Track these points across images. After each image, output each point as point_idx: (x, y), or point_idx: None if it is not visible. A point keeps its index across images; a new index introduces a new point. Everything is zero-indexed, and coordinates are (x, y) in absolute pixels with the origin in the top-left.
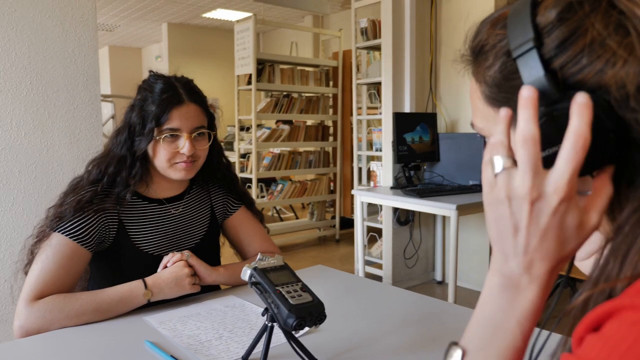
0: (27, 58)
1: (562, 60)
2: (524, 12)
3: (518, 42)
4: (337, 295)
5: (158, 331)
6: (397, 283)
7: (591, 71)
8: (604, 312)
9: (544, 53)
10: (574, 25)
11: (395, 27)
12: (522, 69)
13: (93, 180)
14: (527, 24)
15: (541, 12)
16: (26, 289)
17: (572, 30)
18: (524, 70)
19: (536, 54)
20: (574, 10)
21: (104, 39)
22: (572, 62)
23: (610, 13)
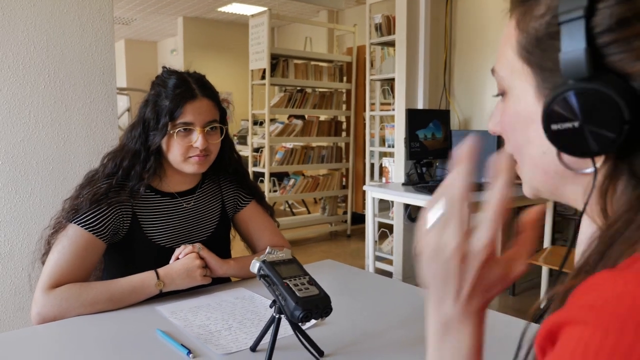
0: (45, 52)
1: (610, 39)
2: None
3: (568, 6)
4: (345, 290)
5: (169, 321)
6: (408, 279)
7: (634, 59)
8: (556, 324)
9: (594, 25)
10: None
11: (409, 23)
12: (565, 35)
13: (108, 173)
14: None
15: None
16: (43, 278)
17: (637, 10)
18: (565, 37)
19: (583, 25)
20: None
21: (120, 33)
22: (621, 43)
23: None
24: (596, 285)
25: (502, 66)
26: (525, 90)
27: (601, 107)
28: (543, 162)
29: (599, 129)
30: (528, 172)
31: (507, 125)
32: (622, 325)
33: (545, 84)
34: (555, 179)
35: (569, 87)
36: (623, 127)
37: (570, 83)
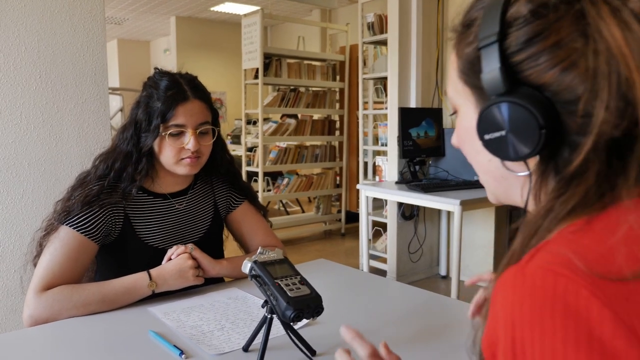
0: (37, 52)
1: (521, 57)
2: (497, 4)
3: (485, 33)
4: (338, 289)
5: (162, 321)
6: (402, 277)
7: (544, 71)
8: (488, 345)
9: (507, 47)
10: (543, 25)
11: (401, 22)
12: (484, 58)
13: (100, 175)
14: (496, 18)
15: (515, 4)
16: (35, 280)
17: (539, 30)
18: (485, 59)
19: (497, 48)
20: (546, 11)
21: (112, 32)
22: (531, 60)
23: (579, 22)
24: (501, 288)
25: (449, 88)
26: (468, 107)
27: (519, 116)
28: (490, 169)
29: (521, 135)
30: (484, 180)
31: (460, 139)
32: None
33: (481, 100)
34: (503, 183)
35: (492, 102)
36: (541, 132)
37: (493, 98)
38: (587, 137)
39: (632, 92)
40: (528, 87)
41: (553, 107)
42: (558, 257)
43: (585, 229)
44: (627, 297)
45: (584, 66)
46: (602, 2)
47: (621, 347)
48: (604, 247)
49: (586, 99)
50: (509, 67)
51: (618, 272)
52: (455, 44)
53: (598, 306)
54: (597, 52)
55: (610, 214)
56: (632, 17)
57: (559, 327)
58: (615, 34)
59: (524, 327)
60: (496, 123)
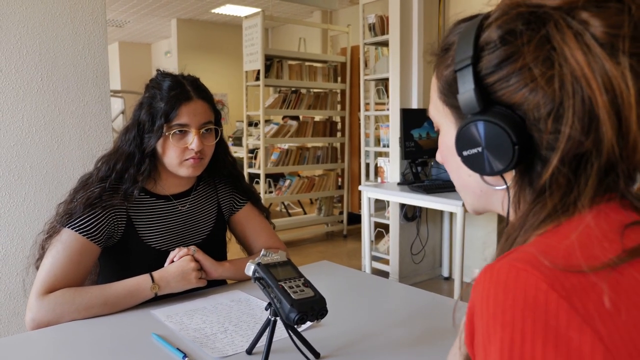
0: (38, 55)
1: (494, 78)
2: (471, 31)
3: (460, 57)
4: (341, 291)
5: (165, 324)
6: (404, 279)
7: (515, 92)
8: (469, 336)
9: (480, 69)
10: (512, 50)
11: (403, 23)
12: (460, 80)
13: (102, 177)
14: (470, 43)
15: (486, 30)
16: (37, 283)
17: (509, 54)
18: (460, 81)
19: (471, 70)
20: (514, 37)
21: (113, 35)
22: (502, 81)
23: (544, 46)
24: (474, 286)
25: (432, 107)
26: (448, 126)
27: (494, 133)
28: (471, 184)
29: (496, 152)
30: (464, 194)
31: (443, 156)
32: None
33: (459, 119)
34: (483, 197)
35: (468, 121)
36: (514, 148)
37: (469, 117)
38: (554, 152)
39: (596, 111)
40: (501, 106)
41: (524, 124)
42: (523, 255)
43: (554, 232)
44: (586, 288)
45: (550, 87)
46: (566, 27)
47: (574, 337)
48: (566, 245)
49: (553, 117)
50: (482, 88)
51: (577, 266)
52: (435, 66)
53: (556, 298)
54: (562, 75)
55: (577, 218)
56: (593, 41)
57: (518, 317)
58: (578, 57)
59: (489, 319)
60: (473, 140)
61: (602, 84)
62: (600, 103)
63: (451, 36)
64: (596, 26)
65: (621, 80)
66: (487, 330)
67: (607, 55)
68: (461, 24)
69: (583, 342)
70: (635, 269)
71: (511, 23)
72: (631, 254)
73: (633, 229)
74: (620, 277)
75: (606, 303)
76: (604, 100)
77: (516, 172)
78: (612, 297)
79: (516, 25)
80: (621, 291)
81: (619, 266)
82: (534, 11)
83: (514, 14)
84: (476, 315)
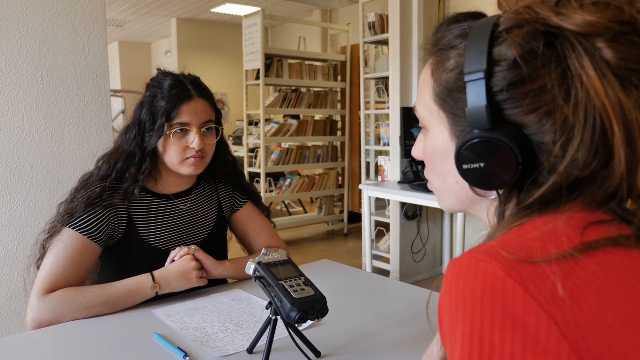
0: (38, 55)
1: (505, 97)
2: (482, 40)
3: (472, 68)
4: (342, 290)
5: (166, 324)
6: (405, 277)
7: (527, 113)
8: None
9: (492, 85)
10: (529, 72)
11: (403, 22)
12: (470, 93)
13: (103, 176)
14: (484, 54)
15: (501, 44)
16: (38, 283)
17: (526, 75)
18: (470, 94)
19: (484, 85)
20: (532, 57)
21: (113, 35)
22: (514, 101)
23: (562, 70)
24: (445, 276)
25: (421, 106)
26: (441, 130)
27: (500, 153)
28: (456, 190)
29: (499, 170)
30: (443, 196)
31: (427, 156)
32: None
33: (457, 127)
34: (466, 203)
35: (475, 136)
36: (518, 169)
37: (476, 133)
38: (552, 175)
39: (609, 138)
40: (510, 125)
41: (530, 145)
42: (484, 247)
43: (517, 228)
44: (542, 276)
45: (563, 114)
46: (584, 53)
47: (531, 321)
48: (524, 240)
49: (562, 142)
50: (493, 105)
51: (533, 257)
52: (432, 64)
53: (512, 285)
54: (578, 101)
55: (543, 218)
56: (609, 71)
57: (477, 304)
58: (595, 84)
59: (452, 307)
60: (477, 156)
61: (620, 113)
62: (617, 132)
63: (450, 37)
64: (612, 57)
65: (634, 111)
66: (451, 321)
67: (620, 86)
68: (459, 24)
69: (539, 326)
70: (593, 261)
71: (529, 42)
72: (586, 247)
73: (597, 227)
74: (576, 267)
75: (560, 290)
76: (620, 130)
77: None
78: (567, 285)
79: (534, 46)
80: (576, 280)
81: (575, 258)
82: (553, 32)
83: (531, 30)
84: (442, 309)
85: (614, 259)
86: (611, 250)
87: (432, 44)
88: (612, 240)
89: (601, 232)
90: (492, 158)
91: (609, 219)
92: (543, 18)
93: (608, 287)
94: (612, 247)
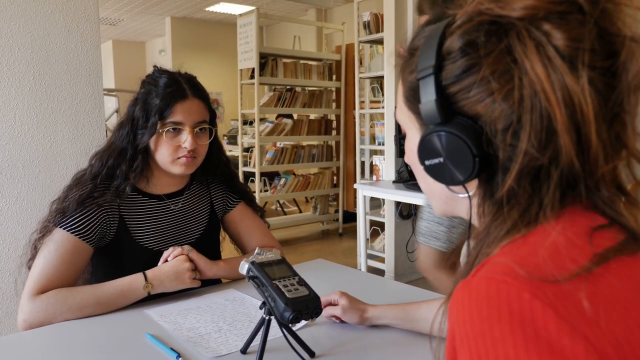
0: (30, 53)
1: (455, 89)
2: (434, 37)
3: (423, 65)
4: (337, 289)
5: (159, 324)
6: (400, 277)
7: (476, 103)
8: (451, 351)
9: (442, 79)
10: (472, 61)
11: (397, 21)
12: (422, 89)
13: (95, 173)
14: (433, 50)
15: (449, 38)
16: (29, 284)
17: (469, 65)
18: (422, 90)
19: (433, 80)
20: (475, 48)
21: (107, 33)
22: (463, 92)
23: (505, 59)
24: (453, 305)
25: (398, 111)
26: (413, 131)
27: (455, 145)
28: (436, 189)
29: (457, 163)
30: (431, 199)
31: (410, 159)
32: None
33: (422, 127)
34: (450, 203)
35: (430, 131)
36: (475, 160)
37: (431, 127)
38: (512, 165)
39: (554, 125)
40: (463, 117)
41: (486, 136)
42: (499, 267)
43: (522, 242)
44: (566, 295)
45: (509, 101)
46: (528, 39)
47: (567, 344)
48: (537, 257)
49: (513, 129)
50: (444, 98)
51: (551, 276)
52: (400, 70)
53: (541, 307)
54: (522, 88)
55: (542, 229)
56: (555, 53)
57: (507, 332)
58: (538, 70)
59: (477, 338)
60: (434, 150)
61: (562, 98)
62: (559, 118)
63: (417, 39)
64: (558, 38)
65: (581, 94)
66: (476, 351)
67: (567, 68)
68: (429, 26)
69: (576, 348)
70: (610, 274)
71: (473, 33)
72: (602, 258)
73: (598, 232)
74: (596, 282)
75: (586, 308)
76: (562, 115)
77: (479, 181)
78: (593, 302)
79: (477, 36)
80: (600, 296)
81: (593, 272)
82: (496, 21)
83: (476, 22)
84: (458, 338)
85: (626, 269)
86: (622, 259)
87: (403, 53)
88: (620, 248)
89: (606, 238)
90: (447, 151)
91: (607, 223)
92: (488, 9)
93: (629, 299)
94: (621, 255)
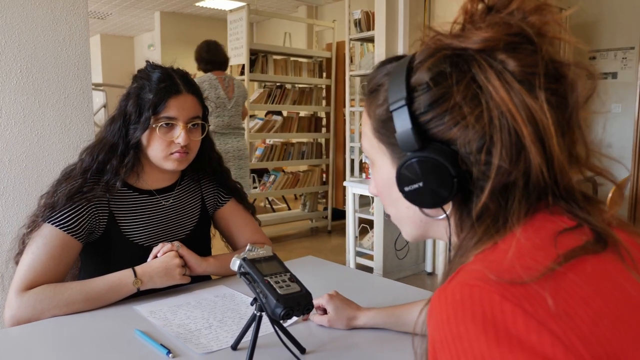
0: (17, 46)
1: (428, 117)
2: (401, 73)
3: (394, 98)
4: (326, 286)
5: (148, 320)
6: (388, 274)
7: (449, 129)
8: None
9: (415, 109)
10: (442, 91)
11: (388, 19)
12: (396, 120)
13: (85, 168)
14: (402, 84)
15: (416, 73)
16: (17, 279)
17: (440, 94)
18: (397, 121)
19: (407, 110)
20: (443, 78)
21: (95, 27)
22: (436, 119)
23: (471, 86)
24: (430, 311)
25: (364, 142)
26: (383, 161)
27: (433, 169)
28: (410, 215)
29: (436, 185)
30: (401, 225)
31: (379, 188)
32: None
33: (395, 155)
34: (422, 226)
35: (407, 158)
36: (453, 181)
37: (408, 155)
38: (487, 182)
39: (522, 140)
40: (437, 143)
41: (460, 157)
42: (473, 273)
43: (493, 249)
44: (533, 295)
45: (480, 123)
46: (488, 67)
47: (535, 340)
48: (506, 261)
49: (485, 150)
50: (419, 126)
51: (519, 277)
52: (365, 106)
53: (510, 307)
54: (490, 111)
55: (511, 236)
56: (512, 78)
57: (481, 332)
58: (501, 94)
59: (455, 340)
60: (414, 176)
61: (526, 116)
62: (526, 134)
63: (378, 78)
64: (513, 65)
65: (540, 111)
66: (455, 352)
67: (525, 90)
68: (385, 65)
69: (543, 343)
70: (573, 272)
71: (439, 65)
72: (566, 258)
73: (564, 235)
74: (560, 281)
75: (550, 305)
76: (528, 131)
77: (453, 202)
78: (557, 300)
79: (444, 67)
80: (563, 293)
81: (557, 271)
82: (458, 54)
83: (440, 56)
84: (438, 341)
85: (588, 267)
86: (585, 258)
87: (365, 92)
88: (583, 248)
89: (570, 239)
90: (427, 175)
91: (574, 225)
92: (448, 44)
93: (590, 295)
94: (585, 255)
